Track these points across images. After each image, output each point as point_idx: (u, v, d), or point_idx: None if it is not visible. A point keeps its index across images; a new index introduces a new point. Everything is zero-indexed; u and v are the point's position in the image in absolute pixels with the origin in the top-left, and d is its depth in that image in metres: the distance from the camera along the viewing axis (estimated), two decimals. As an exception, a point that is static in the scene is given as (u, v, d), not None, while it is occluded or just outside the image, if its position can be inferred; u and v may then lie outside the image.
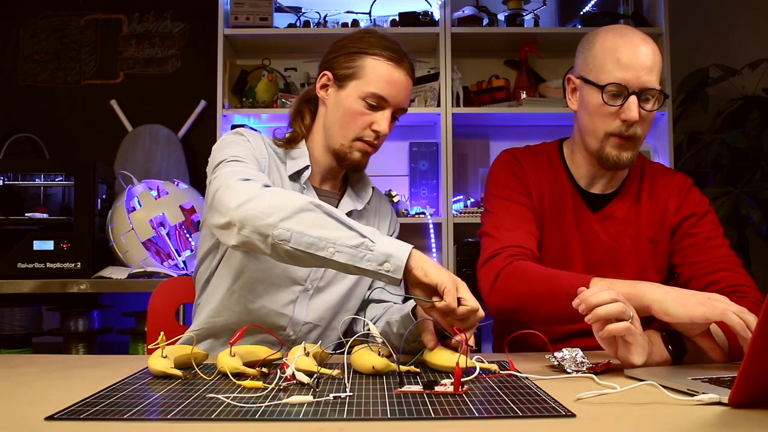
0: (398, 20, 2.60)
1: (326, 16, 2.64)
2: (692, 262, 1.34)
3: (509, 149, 1.46)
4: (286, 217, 1.05)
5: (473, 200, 2.59)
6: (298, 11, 2.65)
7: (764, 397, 0.76)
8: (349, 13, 2.65)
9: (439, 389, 0.87)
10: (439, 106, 2.51)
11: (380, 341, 1.03)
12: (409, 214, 2.52)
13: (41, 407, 0.78)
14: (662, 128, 2.52)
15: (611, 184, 1.40)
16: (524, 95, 2.57)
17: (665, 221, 1.38)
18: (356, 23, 2.63)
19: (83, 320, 2.35)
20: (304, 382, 0.90)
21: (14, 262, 2.19)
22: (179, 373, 0.96)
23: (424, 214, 2.51)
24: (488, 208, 1.40)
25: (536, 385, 0.91)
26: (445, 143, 2.48)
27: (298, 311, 1.33)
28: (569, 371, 0.97)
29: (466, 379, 0.92)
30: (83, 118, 2.76)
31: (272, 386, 0.88)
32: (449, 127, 2.49)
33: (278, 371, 0.94)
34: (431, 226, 2.49)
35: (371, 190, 1.45)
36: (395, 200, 2.53)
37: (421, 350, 1.08)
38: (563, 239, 1.37)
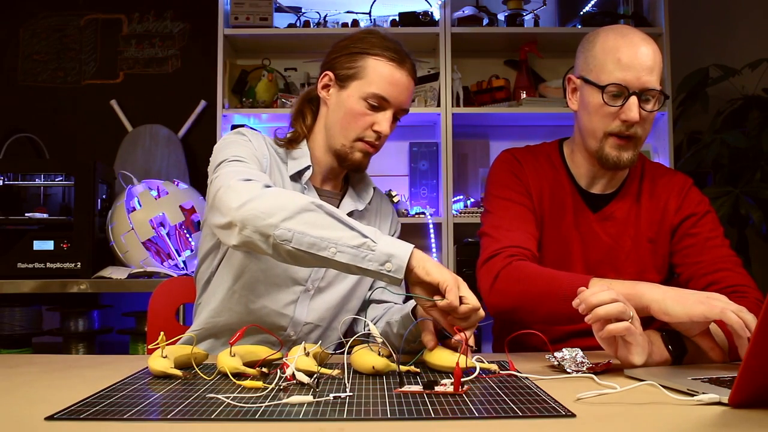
0: (398, 20, 2.60)
1: (326, 16, 2.64)
2: (692, 262, 1.34)
3: (509, 149, 1.46)
4: (287, 217, 1.05)
5: (473, 200, 2.59)
6: (298, 11, 2.65)
7: (764, 397, 0.76)
8: (349, 13, 2.65)
9: (439, 389, 0.87)
10: (439, 106, 2.51)
11: (380, 341, 1.03)
12: (409, 214, 2.52)
13: (41, 407, 0.78)
14: (662, 128, 2.52)
15: (611, 184, 1.40)
16: (524, 95, 2.57)
17: (665, 221, 1.38)
18: (356, 23, 2.63)
19: (83, 320, 2.35)
20: (304, 382, 0.90)
21: (14, 262, 2.19)
22: (179, 373, 0.96)
23: (424, 214, 2.51)
24: (488, 208, 1.40)
25: (536, 385, 0.91)
26: (445, 143, 2.48)
27: (298, 311, 1.33)
28: (569, 371, 0.97)
29: (466, 379, 0.92)
30: (83, 118, 2.76)
31: (272, 386, 0.88)
32: (449, 127, 2.49)
33: (278, 371, 0.94)
34: (431, 226, 2.49)
35: (372, 190, 1.45)
36: (395, 200, 2.53)
37: (421, 350, 1.08)
38: (563, 239, 1.37)
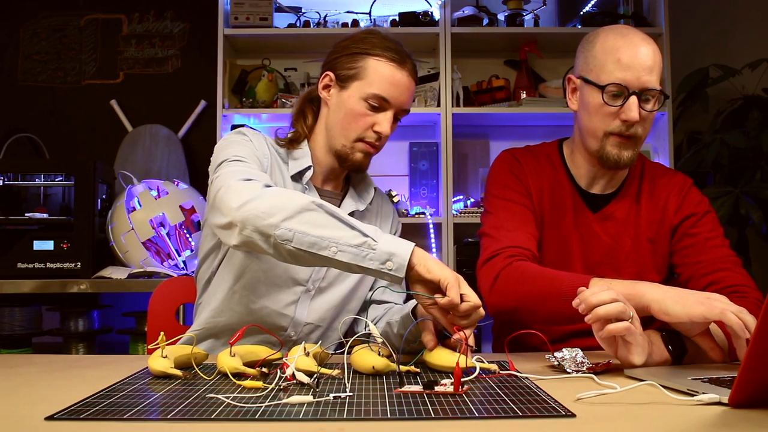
0: (398, 20, 2.60)
1: (326, 16, 2.64)
2: (692, 262, 1.34)
3: (509, 149, 1.46)
4: (288, 217, 1.05)
5: (473, 200, 2.59)
6: (298, 11, 2.65)
7: (764, 397, 0.76)
8: (349, 13, 2.65)
9: (439, 389, 0.87)
10: (439, 106, 2.51)
11: (380, 341, 1.03)
12: (409, 214, 2.52)
13: (41, 407, 0.78)
14: (662, 128, 2.52)
15: (611, 184, 1.40)
16: (524, 95, 2.57)
17: (665, 221, 1.38)
18: (356, 23, 2.63)
19: (83, 320, 2.35)
20: (304, 382, 0.90)
21: (14, 262, 2.19)
22: (179, 373, 0.96)
23: (424, 214, 2.51)
24: (488, 208, 1.40)
25: (536, 385, 0.91)
26: (445, 143, 2.48)
27: (299, 312, 1.32)
28: (569, 371, 0.97)
29: (466, 379, 0.92)
30: (83, 118, 2.76)
31: (272, 386, 0.88)
32: (449, 127, 2.49)
33: (278, 371, 0.94)
34: (431, 226, 2.49)
35: (373, 190, 1.45)
36: (395, 200, 2.53)
37: (421, 350, 1.08)
38: (563, 239, 1.37)
